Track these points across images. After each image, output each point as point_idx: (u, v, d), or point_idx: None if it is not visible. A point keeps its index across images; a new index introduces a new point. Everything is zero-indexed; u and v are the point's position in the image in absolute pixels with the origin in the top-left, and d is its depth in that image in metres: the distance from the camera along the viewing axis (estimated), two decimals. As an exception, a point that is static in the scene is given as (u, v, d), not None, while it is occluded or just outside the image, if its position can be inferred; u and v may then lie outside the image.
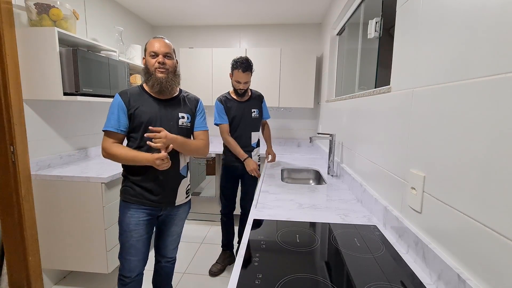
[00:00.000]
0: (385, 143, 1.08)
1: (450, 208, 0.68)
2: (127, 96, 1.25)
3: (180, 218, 1.44)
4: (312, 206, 1.28)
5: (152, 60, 1.25)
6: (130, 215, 1.27)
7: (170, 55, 1.28)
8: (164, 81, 1.26)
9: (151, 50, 1.25)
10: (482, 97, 0.58)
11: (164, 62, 1.25)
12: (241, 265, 0.79)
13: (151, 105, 1.27)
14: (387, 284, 0.72)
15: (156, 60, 1.25)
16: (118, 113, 1.22)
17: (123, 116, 1.23)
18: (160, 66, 1.25)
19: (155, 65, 1.25)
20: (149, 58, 1.26)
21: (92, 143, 2.26)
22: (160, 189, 1.29)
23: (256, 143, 2.07)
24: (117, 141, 1.24)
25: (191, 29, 3.31)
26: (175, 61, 1.32)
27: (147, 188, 1.28)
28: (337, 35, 2.51)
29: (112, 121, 1.22)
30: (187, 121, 1.36)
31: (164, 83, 1.26)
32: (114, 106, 1.23)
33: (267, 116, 2.15)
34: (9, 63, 1.55)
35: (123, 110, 1.23)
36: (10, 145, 1.59)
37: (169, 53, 1.28)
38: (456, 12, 0.68)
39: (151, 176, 1.27)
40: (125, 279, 1.31)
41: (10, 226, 1.66)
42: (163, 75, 1.26)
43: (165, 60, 1.26)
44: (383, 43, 1.40)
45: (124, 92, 1.27)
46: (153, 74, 1.25)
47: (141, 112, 1.24)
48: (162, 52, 1.25)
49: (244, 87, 1.90)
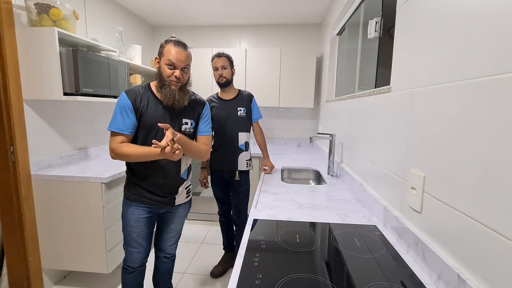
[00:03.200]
0: (385, 143, 1.08)
1: (450, 208, 0.68)
2: (134, 95, 1.22)
3: (180, 216, 1.45)
4: (312, 206, 1.28)
5: (168, 70, 1.19)
6: (131, 212, 1.30)
7: (188, 68, 1.24)
8: (176, 94, 1.22)
9: (169, 58, 1.18)
10: (482, 97, 0.58)
11: (181, 76, 1.21)
12: (241, 265, 0.79)
13: (156, 108, 1.24)
14: (387, 284, 0.72)
15: (173, 73, 1.19)
16: (125, 112, 1.19)
17: (131, 116, 1.20)
18: (175, 80, 1.21)
19: (171, 78, 1.20)
20: (165, 66, 1.20)
21: (92, 143, 2.26)
22: (160, 191, 1.30)
23: (245, 146, 1.91)
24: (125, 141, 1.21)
25: (191, 29, 3.31)
26: (190, 72, 1.28)
27: (147, 188, 1.29)
28: (337, 35, 2.51)
29: (120, 122, 1.18)
30: (190, 127, 1.34)
31: (177, 97, 1.22)
32: (120, 105, 1.19)
33: (258, 116, 1.98)
34: (9, 63, 1.55)
35: (130, 110, 1.20)
36: (10, 145, 1.59)
37: (188, 66, 1.23)
38: (456, 12, 0.68)
39: (151, 178, 1.28)
40: (128, 268, 1.36)
41: (10, 226, 1.66)
42: (177, 87, 1.22)
43: (182, 74, 1.21)
44: (383, 43, 1.40)
45: (130, 91, 1.23)
46: (167, 85, 1.21)
47: (147, 114, 1.22)
48: (181, 66, 1.20)
49: (222, 72, 1.81)
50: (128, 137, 1.22)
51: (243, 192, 1.94)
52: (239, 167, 1.88)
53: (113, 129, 1.19)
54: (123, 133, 1.19)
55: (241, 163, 1.89)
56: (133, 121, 1.21)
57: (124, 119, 1.19)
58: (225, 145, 1.87)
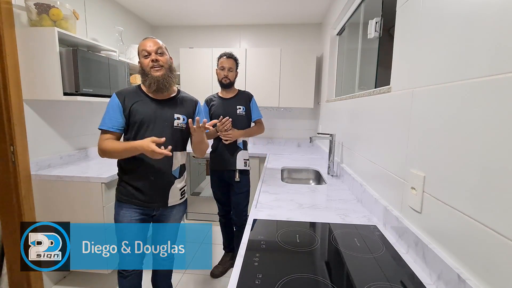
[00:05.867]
0: (385, 143, 1.08)
1: (450, 208, 0.68)
2: (123, 95, 1.27)
3: (175, 218, 1.43)
4: (312, 206, 1.28)
5: (145, 60, 1.26)
6: (122, 214, 1.29)
7: (162, 52, 1.28)
8: (161, 79, 1.26)
9: (143, 49, 1.26)
10: (482, 97, 0.58)
11: (157, 59, 1.26)
12: (241, 265, 0.79)
13: (147, 105, 1.28)
14: (387, 284, 0.72)
15: (150, 59, 1.25)
16: (114, 112, 1.24)
17: (118, 115, 1.24)
18: (154, 65, 1.25)
19: (149, 64, 1.25)
20: (142, 59, 1.27)
21: (92, 143, 2.26)
22: (150, 189, 1.29)
23: (243, 144, 1.93)
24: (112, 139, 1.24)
25: (191, 29, 3.31)
26: (168, 57, 1.32)
27: (137, 187, 1.28)
28: (337, 35, 2.51)
29: (106, 120, 1.24)
30: (182, 122, 1.35)
31: (161, 81, 1.26)
32: (110, 106, 1.25)
33: (257, 115, 2.00)
34: (9, 63, 1.55)
35: (119, 109, 1.24)
36: (10, 145, 1.59)
37: (160, 48, 1.28)
38: (456, 12, 0.68)
39: (142, 175, 1.28)
40: (123, 273, 1.35)
41: (10, 226, 1.66)
42: (159, 73, 1.26)
43: (158, 57, 1.26)
44: (383, 43, 1.40)
45: (120, 92, 1.29)
46: (149, 74, 1.26)
47: (136, 111, 1.25)
48: (154, 50, 1.26)
49: (228, 74, 1.85)
50: (116, 134, 1.25)
51: (243, 193, 1.94)
52: (237, 165, 1.89)
53: (100, 127, 1.24)
54: (110, 131, 1.24)
55: (239, 162, 1.90)
56: (120, 120, 1.25)
57: (111, 118, 1.24)
58: (224, 143, 1.87)
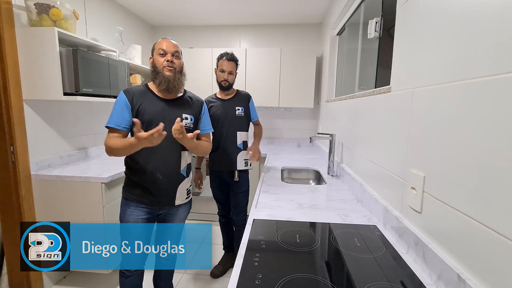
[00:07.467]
0: (385, 143, 1.08)
1: (450, 208, 0.68)
2: (131, 94, 1.26)
3: (180, 218, 1.44)
4: (312, 206, 1.28)
5: (160, 58, 1.27)
6: (129, 212, 1.29)
7: (178, 55, 1.31)
8: (171, 79, 1.27)
9: (160, 48, 1.27)
10: (482, 97, 0.58)
11: (172, 61, 1.27)
12: (241, 265, 0.79)
13: (155, 104, 1.28)
14: (387, 284, 0.72)
15: (165, 58, 1.27)
16: (121, 110, 1.23)
17: (126, 113, 1.24)
18: (168, 65, 1.26)
19: (163, 64, 1.26)
20: (157, 56, 1.28)
21: (92, 143, 2.26)
22: (159, 188, 1.29)
23: (243, 145, 1.92)
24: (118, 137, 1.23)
25: (191, 29, 3.30)
26: (182, 62, 1.34)
27: (146, 187, 1.28)
28: (337, 35, 2.51)
29: (114, 118, 1.23)
30: (190, 122, 1.36)
31: (172, 81, 1.27)
32: (118, 103, 1.24)
33: (254, 116, 2.00)
34: (9, 63, 1.55)
35: (127, 107, 1.24)
36: (10, 145, 1.59)
37: (178, 52, 1.30)
38: (456, 12, 0.68)
39: (151, 175, 1.27)
40: (125, 273, 1.34)
41: (10, 226, 1.66)
42: (171, 73, 1.27)
43: (174, 59, 1.28)
44: (383, 43, 1.40)
45: (128, 90, 1.28)
46: (161, 72, 1.27)
47: (144, 110, 1.25)
48: (171, 51, 1.28)
49: (228, 77, 1.84)
50: (123, 133, 1.24)
51: (242, 193, 1.94)
52: (238, 166, 1.89)
53: (107, 125, 1.23)
54: (117, 129, 1.23)
55: (240, 163, 1.90)
56: (127, 118, 1.24)
57: (119, 116, 1.23)
58: (224, 144, 1.88)
